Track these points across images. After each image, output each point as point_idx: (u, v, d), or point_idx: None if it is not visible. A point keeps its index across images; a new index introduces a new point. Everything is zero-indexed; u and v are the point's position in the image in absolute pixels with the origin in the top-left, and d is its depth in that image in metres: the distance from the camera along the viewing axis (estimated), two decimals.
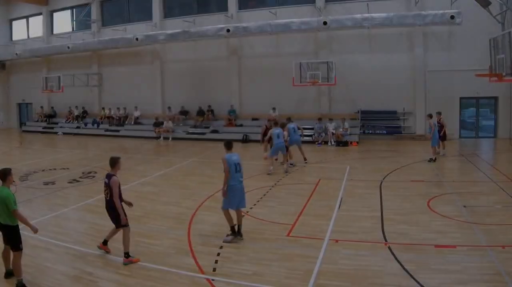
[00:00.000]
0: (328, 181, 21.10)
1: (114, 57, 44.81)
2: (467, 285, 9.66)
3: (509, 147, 29.91)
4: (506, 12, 25.92)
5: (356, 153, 30.15)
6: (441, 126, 26.75)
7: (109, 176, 11.64)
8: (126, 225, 11.52)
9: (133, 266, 11.09)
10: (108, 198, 11.54)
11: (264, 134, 25.11)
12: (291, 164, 24.33)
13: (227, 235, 12.89)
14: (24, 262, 10.35)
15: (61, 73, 44.13)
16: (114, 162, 11.92)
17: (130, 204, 12.19)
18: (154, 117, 40.88)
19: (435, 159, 25.01)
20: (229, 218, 12.91)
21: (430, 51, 34.14)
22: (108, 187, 11.52)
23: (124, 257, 11.32)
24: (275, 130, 22.73)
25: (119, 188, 11.63)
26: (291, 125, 24.45)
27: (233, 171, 12.84)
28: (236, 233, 12.90)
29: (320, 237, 12.94)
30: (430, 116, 25.96)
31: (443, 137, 26.82)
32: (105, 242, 11.97)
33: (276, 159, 24.65)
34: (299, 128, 25.39)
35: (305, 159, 25.25)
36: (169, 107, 41.42)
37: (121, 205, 11.62)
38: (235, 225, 12.97)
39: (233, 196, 12.86)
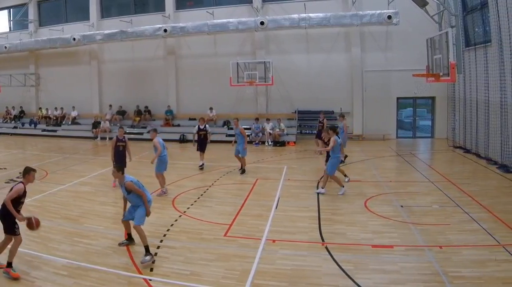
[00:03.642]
0: (265, 181, 19.88)
1: (51, 57, 41.24)
2: (405, 285, 9.28)
3: (446, 147, 28.43)
4: (443, 12, 24.65)
5: (293, 152, 28.30)
6: (322, 126, 25.47)
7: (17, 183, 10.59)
8: (18, 234, 10.18)
9: (71, 266, 10.39)
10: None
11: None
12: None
13: (146, 255, 10.85)
14: None
15: None
16: (25, 172, 10.94)
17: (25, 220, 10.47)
18: (93, 117, 38.13)
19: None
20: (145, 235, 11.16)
21: (367, 51, 32.59)
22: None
23: (6, 266, 9.93)
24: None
25: (20, 197, 10.42)
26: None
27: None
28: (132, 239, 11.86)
29: (258, 237, 12.34)
30: (343, 116, 24.96)
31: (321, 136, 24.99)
32: None
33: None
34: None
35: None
36: (110, 105, 38.85)
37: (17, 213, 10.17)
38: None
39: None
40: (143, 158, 25.02)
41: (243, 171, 21.34)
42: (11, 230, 10.12)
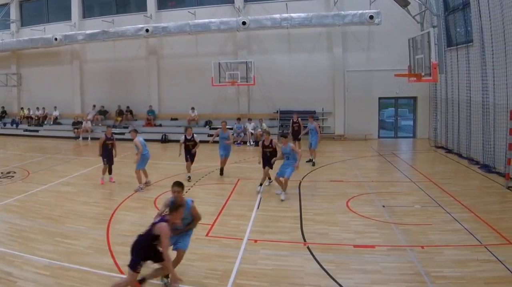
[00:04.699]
0: (247, 181, 19.50)
1: (33, 57, 40.22)
2: (387, 285, 9.20)
3: (428, 147, 28.01)
4: (425, 12, 24.19)
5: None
6: (298, 126, 25.15)
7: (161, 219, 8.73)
8: (137, 272, 8.65)
9: (53, 266, 10.22)
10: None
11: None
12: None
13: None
14: None
15: None
16: (174, 209, 8.86)
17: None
18: (76, 117, 37.46)
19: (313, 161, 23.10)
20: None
21: (349, 51, 32.04)
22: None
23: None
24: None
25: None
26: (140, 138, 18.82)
27: None
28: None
29: (239, 237, 12.21)
30: (312, 117, 24.13)
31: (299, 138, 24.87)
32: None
33: None
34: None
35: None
36: (94, 105, 38.02)
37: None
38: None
39: None
40: (124, 158, 24.45)
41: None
42: (135, 266, 8.75)
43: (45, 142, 34.76)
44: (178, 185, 9.56)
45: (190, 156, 19.78)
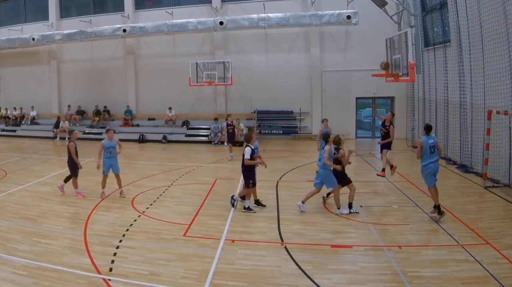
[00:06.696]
0: (224, 181, 19.41)
1: (11, 57, 39.02)
2: (364, 285, 9.09)
3: (405, 147, 27.51)
4: (402, 12, 24.09)
5: None
6: (233, 129, 25.72)
7: None
8: None
9: (30, 266, 9.97)
10: None
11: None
12: None
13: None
14: None
15: None
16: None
17: None
18: (57, 117, 36.49)
19: None
20: None
21: (326, 51, 31.48)
22: None
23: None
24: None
25: None
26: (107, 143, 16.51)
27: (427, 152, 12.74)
28: None
29: (217, 237, 11.98)
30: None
31: (234, 141, 25.79)
32: None
33: None
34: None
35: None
36: (68, 106, 37.05)
37: None
38: None
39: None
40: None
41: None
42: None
43: (23, 142, 33.98)
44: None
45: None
